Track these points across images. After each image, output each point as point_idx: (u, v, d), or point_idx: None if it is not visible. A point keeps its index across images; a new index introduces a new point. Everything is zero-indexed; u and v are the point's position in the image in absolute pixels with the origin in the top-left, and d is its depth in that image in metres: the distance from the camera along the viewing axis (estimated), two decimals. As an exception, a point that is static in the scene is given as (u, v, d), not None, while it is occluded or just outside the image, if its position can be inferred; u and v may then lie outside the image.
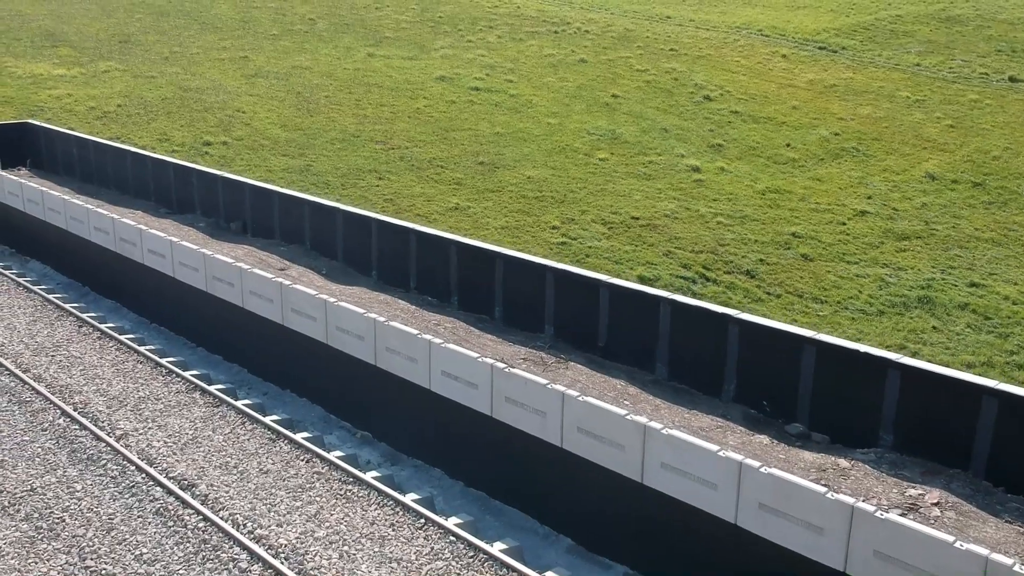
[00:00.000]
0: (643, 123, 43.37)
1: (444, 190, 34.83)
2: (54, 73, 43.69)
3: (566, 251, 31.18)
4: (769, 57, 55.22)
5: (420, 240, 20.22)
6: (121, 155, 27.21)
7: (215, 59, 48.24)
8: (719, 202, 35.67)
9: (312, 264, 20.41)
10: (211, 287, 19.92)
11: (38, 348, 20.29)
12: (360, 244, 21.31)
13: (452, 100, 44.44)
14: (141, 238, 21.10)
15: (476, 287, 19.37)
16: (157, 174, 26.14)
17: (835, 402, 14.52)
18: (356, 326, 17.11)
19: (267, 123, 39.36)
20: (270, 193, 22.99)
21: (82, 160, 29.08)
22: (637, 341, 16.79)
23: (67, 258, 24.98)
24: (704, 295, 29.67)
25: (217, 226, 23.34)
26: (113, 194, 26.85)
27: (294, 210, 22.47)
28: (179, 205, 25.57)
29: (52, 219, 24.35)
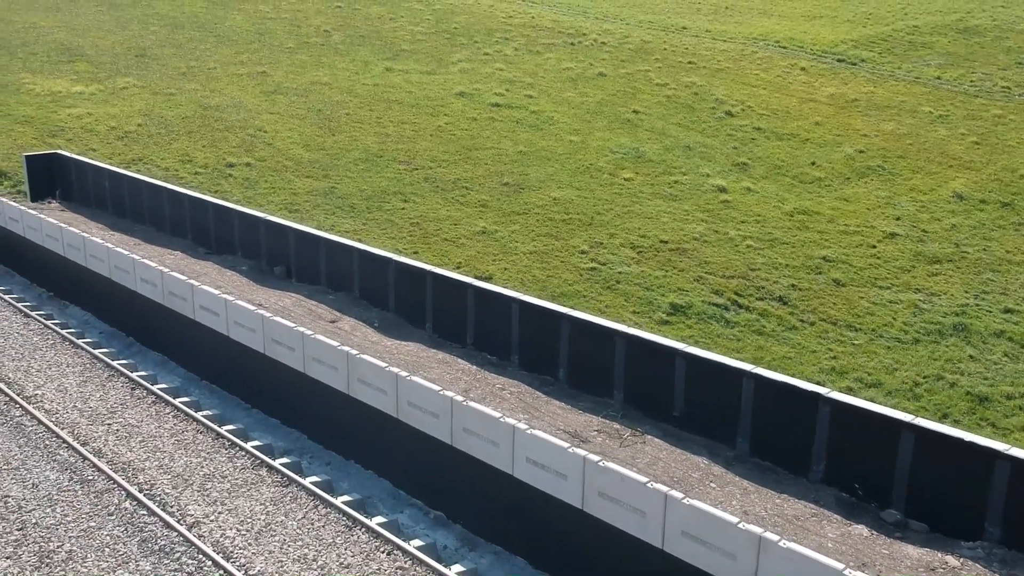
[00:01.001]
0: (666, 140, 43.00)
1: (470, 213, 34.49)
2: (72, 90, 43.36)
3: (596, 277, 30.84)
4: (788, 70, 54.84)
5: (479, 296, 19.69)
6: (157, 191, 26.72)
7: (233, 74, 47.90)
8: (747, 224, 35.31)
9: (363, 315, 20.00)
10: (269, 349, 19.19)
11: (92, 415, 19.32)
12: (413, 296, 20.74)
13: (473, 117, 44.10)
14: (192, 294, 20.38)
15: (539, 346, 18.77)
16: (195, 212, 25.65)
17: (936, 489, 13.99)
18: (431, 403, 16.40)
19: (289, 143, 39.01)
20: (317, 239, 22.50)
21: (115, 194, 28.55)
22: (716, 413, 16.22)
23: (110, 307, 24.10)
24: (738, 322, 29.35)
25: (260, 269, 22.96)
26: (148, 230, 26.42)
27: (342, 258, 21.96)
28: (218, 245, 25.11)
29: (94, 266, 23.52)
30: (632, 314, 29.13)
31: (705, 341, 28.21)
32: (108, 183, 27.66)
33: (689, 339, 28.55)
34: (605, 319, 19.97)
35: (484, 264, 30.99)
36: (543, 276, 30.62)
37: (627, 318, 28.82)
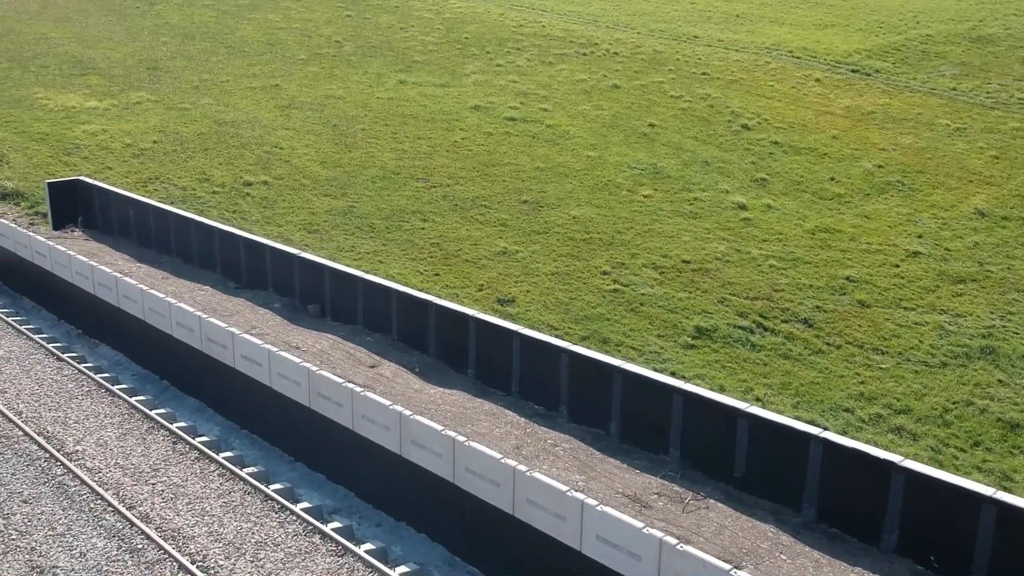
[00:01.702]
0: (683, 155, 42.71)
1: (490, 232, 34.21)
2: (86, 105, 43.09)
3: (619, 299, 30.56)
4: (803, 81, 54.53)
5: (526, 344, 19.23)
6: (184, 223, 26.29)
7: (246, 88, 47.63)
8: (769, 243, 35.02)
9: (403, 360, 19.68)
10: (316, 404, 18.57)
11: (136, 473, 18.58)
12: (455, 340, 20.31)
13: (489, 132, 43.82)
14: (233, 342, 19.79)
15: (590, 399, 18.29)
16: (225, 246, 25.24)
17: (1020, 567, 13.51)
18: (491, 471, 15.74)
19: (306, 160, 38.75)
20: (354, 279, 22.09)
21: (140, 223, 28.08)
22: (782, 476, 15.67)
23: (143, 348, 23.43)
24: (764, 346, 29.06)
25: (293, 307, 22.64)
26: (175, 262, 26.08)
27: (380, 298, 21.57)
28: (249, 280, 24.69)
29: (127, 307, 22.82)
30: (657, 338, 28.86)
31: (732, 366, 27.94)
32: (133, 212, 27.27)
33: (715, 363, 28.31)
34: (659, 375, 19.28)
35: (506, 286, 30.71)
36: (566, 298, 30.34)
37: (652, 342, 28.56)
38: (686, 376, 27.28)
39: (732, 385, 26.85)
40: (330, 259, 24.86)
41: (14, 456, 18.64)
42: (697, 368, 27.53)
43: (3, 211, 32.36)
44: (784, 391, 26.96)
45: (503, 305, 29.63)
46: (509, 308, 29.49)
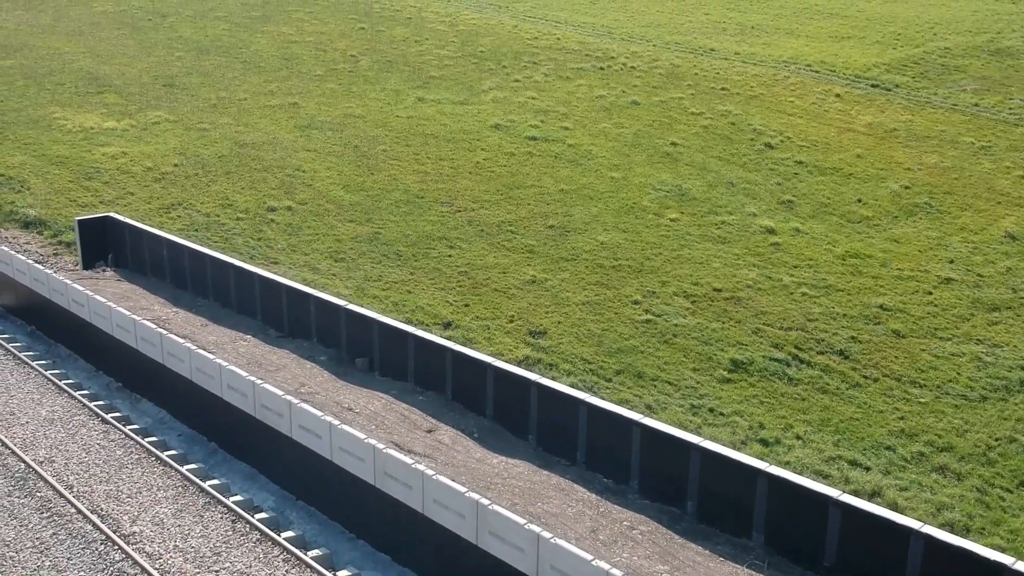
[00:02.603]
0: (708, 176, 42.26)
1: (518, 259, 33.76)
2: (104, 126, 42.65)
3: (652, 330, 30.12)
4: (823, 97, 54.06)
5: (594, 414, 18.53)
6: (223, 267, 25.61)
7: (264, 106, 47.19)
8: (800, 269, 34.57)
9: (460, 423, 19.15)
10: (382, 483, 17.62)
11: (197, 558, 17.35)
12: (515, 403, 19.65)
13: (511, 152, 43.37)
14: (290, 412, 18.79)
15: (664, 475, 17.61)
16: (266, 293, 24.72)
17: None
18: (582, 573, 14.57)
19: (329, 183, 38.30)
20: (404, 335, 21.54)
21: (174, 264, 27.39)
22: (876, 569, 15.01)
23: (190, 407, 22.40)
24: (800, 379, 28.61)
25: (340, 360, 22.11)
26: (212, 306, 25.54)
27: (434, 356, 20.98)
28: (292, 328, 24.10)
29: (173, 365, 21.85)
30: (692, 371, 28.41)
31: (769, 401, 27.49)
32: (167, 252, 26.72)
33: (753, 398, 27.85)
34: (742, 455, 18.22)
35: (537, 317, 30.27)
36: (598, 330, 29.89)
37: (688, 376, 28.11)
38: (725, 413, 26.87)
39: (771, 422, 26.41)
40: (376, 313, 23.70)
41: (69, 538, 17.65)
42: (735, 404, 27.09)
43: (26, 241, 31.92)
44: (824, 428, 26.50)
45: (535, 337, 29.19)
46: (541, 340, 29.05)
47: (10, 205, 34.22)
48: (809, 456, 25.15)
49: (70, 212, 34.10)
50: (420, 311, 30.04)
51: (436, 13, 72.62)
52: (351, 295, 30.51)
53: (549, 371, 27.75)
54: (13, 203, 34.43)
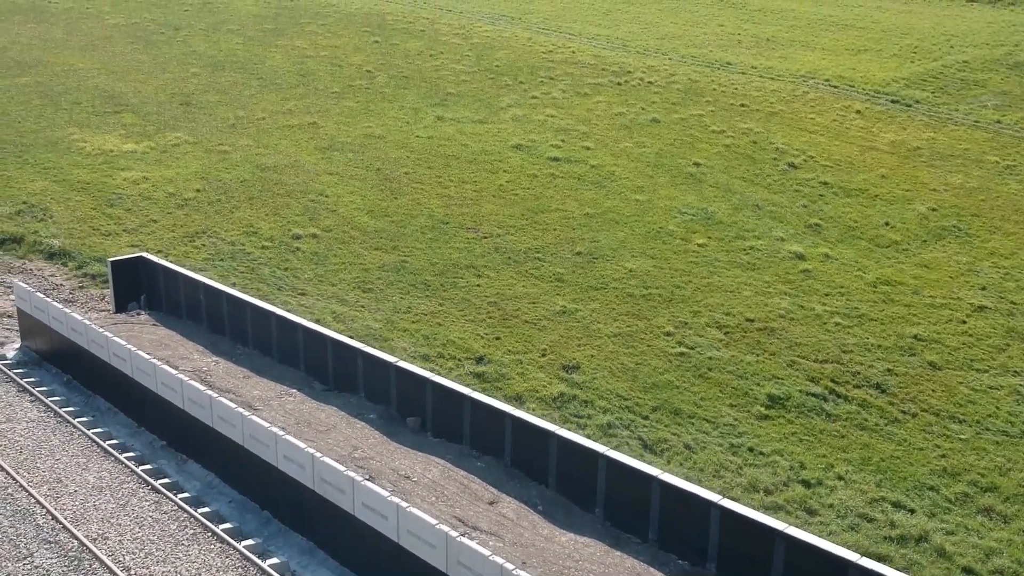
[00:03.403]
0: (733, 198, 41.85)
1: (547, 289, 33.36)
2: (124, 149, 42.26)
3: (686, 363, 29.72)
4: (843, 113, 53.66)
5: (667, 491, 17.93)
6: (264, 315, 25.01)
7: (283, 126, 46.79)
8: (831, 297, 34.15)
9: (522, 494, 18.62)
10: (455, 572, 16.65)
11: None
12: (581, 475, 19.11)
13: (533, 174, 42.98)
14: (354, 489, 17.90)
15: (746, 561, 17.03)
16: (310, 344, 24.17)
17: None
18: None
19: (352, 209, 37.89)
20: (461, 397, 20.97)
21: (212, 309, 26.74)
22: None
23: (241, 473, 21.45)
24: (838, 415, 28.19)
25: (390, 418, 21.64)
26: (252, 354, 25.01)
27: (492, 422, 20.44)
28: (337, 382, 23.52)
29: (223, 429, 20.97)
30: (729, 407, 28.01)
31: (809, 439, 27.09)
32: (204, 297, 26.23)
33: (792, 436, 27.44)
34: (830, 543, 17.42)
35: (569, 351, 29.87)
36: (632, 364, 29.49)
37: (725, 412, 27.71)
38: (764, 452, 26.47)
39: (812, 461, 26.02)
40: (428, 372, 22.50)
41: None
42: (774, 442, 26.69)
43: (51, 272, 31.54)
44: (865, 467, 26.10)
45: (568, 372, 28.80)
46: (575, 375, 28.67)
47: (34, 235, 33.83)
48: (852, 498, 24.76)
49: (93, 241, 33.74)
50: (451, 345, 29.66)
51: (449, 25, 72.25)
52: (381, 328, 30.13)
53: (585, 408, 27.39)
54: (37, 232, 34.04)
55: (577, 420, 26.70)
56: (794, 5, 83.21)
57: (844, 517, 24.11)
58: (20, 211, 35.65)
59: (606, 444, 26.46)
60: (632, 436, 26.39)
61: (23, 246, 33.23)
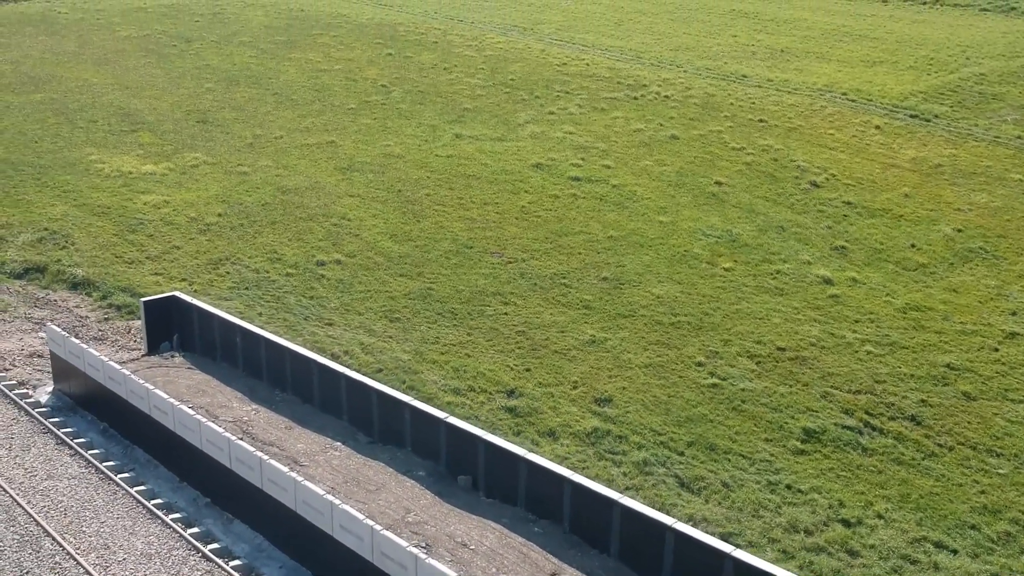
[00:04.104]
0: (757, 219, 41.49)
1: (575, 316, 33.01)
2: (143, 170, 41.93)
3: (719, 395, 29.37)
4: (863, 129, 53.29)
5: (740, 570, 17.55)
6: (304, 363, 24.51)
7: (302, 145, 46.45)
8: (861, 324, 33.79)
9: (584, 564, 18.15)
10: None
11: None
12: (646, 545, 18.71)
13: (555, 194, 42.64)
14: (416, 566, 17.26)
15: None
16: (353, 394, 23.73)
17: None
18: None
19: (376, 233, 37.55)
20: (515, 458, 20.45)
21: (248, 353, 26.25)
22: None
23: (291, 537, 20.69)
24: (875, 449, 27.84)
25: (440, 475, 21.17)
26: (292, 401, 24.53)
27: (550, 485, 19.91)
28: (383, 434, 23.05)
29: (275, 493, 20.26)
30: (764, 442, 27.66)
31: (846, 474, 26.73)
32: (240, 340, 25.84)
33: (829, 471, 27.09)
34: None
35: (601, 383, 29.53)
36: (664, 396, 29.15)
37: (760, 447, 27.37)
38: (803, 489, 26.13)
39: (850, 499, 25.68)
40: (480, 429, 21.75)
41: None
42: (811, 479, 26.34)
43: (76, 303, 31.20)
44: (904, 505, 25.75)
45: (600, 405, 28.46)
46: (607, 409, 28.33)
47: (57, 264, 33.51)
48: (893, 538, 24.42)
49: (117, 270, 33.41)
50: (481, 377, 29.32)
51: (462, 36, 71.91)
52: (410, 360, 29.80)
53: (619, 444, 27.05)
54: (60, 261, 33.71)
55: (612, 457, 26.38)
56: (807, 15, 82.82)
57: (887, 559, 23.78)
58: (42, 238, 35.35)
59: (643, 481, 26.23)
60: (668, 474, 26.05)
61: (46, 275, 32.92)
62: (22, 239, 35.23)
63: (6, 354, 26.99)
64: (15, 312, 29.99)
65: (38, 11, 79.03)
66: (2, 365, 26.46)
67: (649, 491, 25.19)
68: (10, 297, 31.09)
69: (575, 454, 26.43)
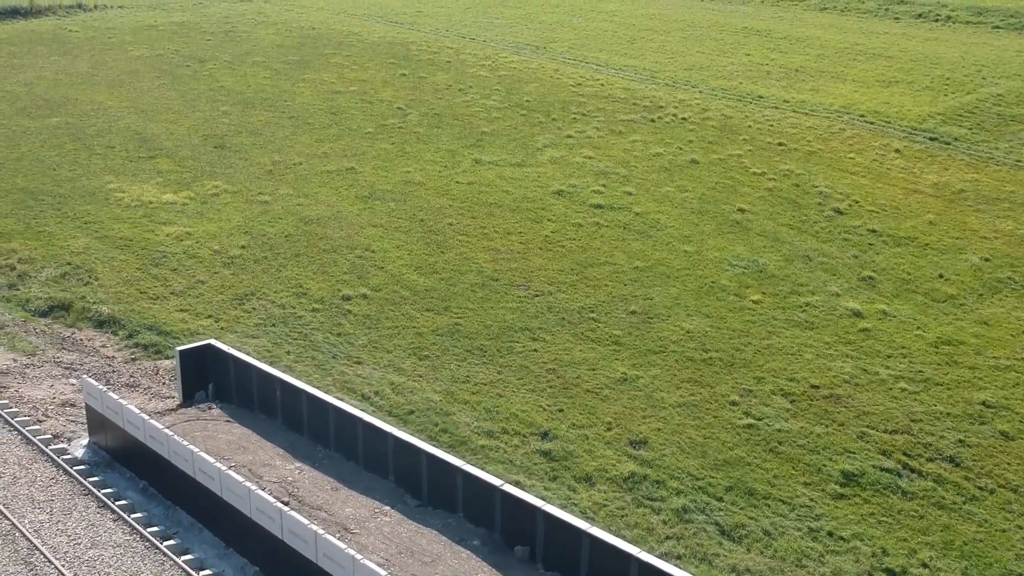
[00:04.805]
0: (782, 248, 41.11)
1: (605, 353, 32.63)
2: (163, 199, 41.58)
3: (755, 437, 28.97)
4: (883, 153, 52.96)
5: None
6: (349, 419, 23.97)
7: (321, 172, 46.11)
8: (894, 359, 33.41)
9: None
10: None
11: None
12: None
13: (578, 223, 42.28)
14: None
15: None
16: (401, 454, 23.21)
17: None
18: None
19: (400, 265, 37.18)
20: (578, 532, 19.84)
21: (288, 406, 25.72)
22: None
23: None
24: (915, 493, 27.43)
25: (495, 545, 20.68)
26: (336, 459, 23.75)
27: (615, 561, 19.27)
28: (433, 498, 22.52)
29: (333, 571, 19.46)
30: (803, 486, 27.26)
31: (887, 520, 26.32)
32: (280, 393, 25.41)
33: (870, 517, 26.69)
34: None
35: (635, 424, 29.14)
36: (700, 438, 28.75)
37: (799, 492, 26.96)
38: (844, 536, 25.72)
39: (894, 546, 25.27)
40: (539, 500, 21.64)
41: None
42: (853, 525, 25.94)
43: (102, 343, 30.81)
44: (948, 552, 25.35)
45: (636, 448, 28.07)
46: (643, 452, 27.93)
47: (81, 301, 33.13)
48: (940, 588, 24.04)
49: (142, 307, 33.03)
50: (514, 419, 28.93)
51: (474, 55, 71.64)
52: (441, 401, 29.41)
53: (657, 489, 26.64)
54: (84, 298, 33.34)
55: (650, 504, 25.98)
56: (819, 33, 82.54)
57: (936, 614, 23.40)
58: (65, 273, 35.01)
59: (683, 530, 25.80)
60: (708, 521, 25.65)
61: (71, 313, 32.53)
62: (45, 274, 34.88)
63: (39, 404, 26.58)
64: (43, 355, 29.59)
65: (49, 29, 78.82)
66: (35, 416, 26.02)
67: (690, 540, 24.82)
68: (37, 338, 30.70)
69: (613, 501, 26.03)
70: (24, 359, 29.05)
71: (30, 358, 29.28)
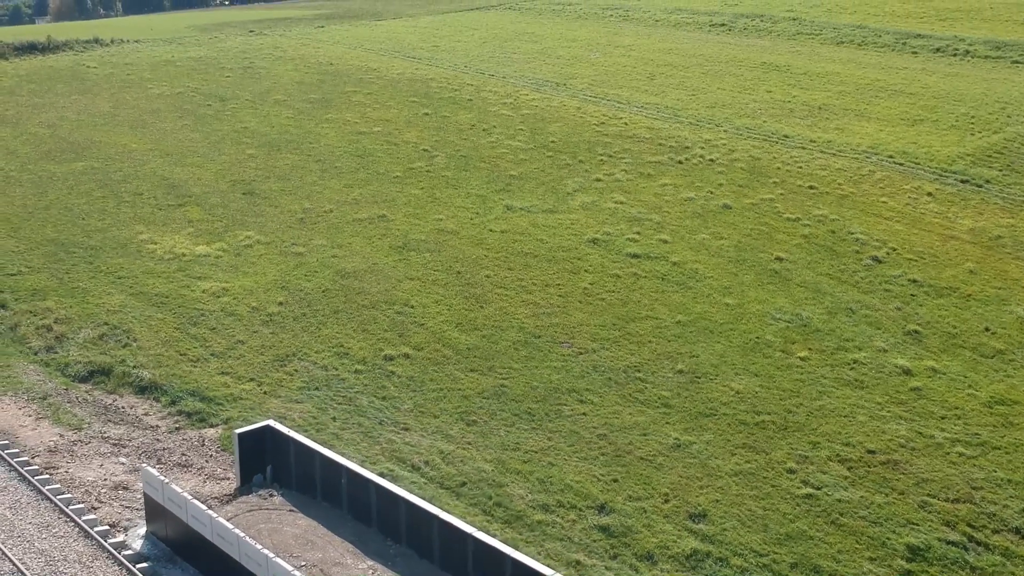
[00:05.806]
0: (824, 300, 40.48)
1: (655, 416, 31.96)
2: (196, 251, 41.02)
3: (815, 508, 28.24)
4: (915, 196, 52.44)
5: None
6: (423, 516, 23.20)
7: (353, 220, 45.56)
8: (948, 421, 32.73)
9: None
10: None
11: None
12: None
13: (616, 273, 41.69)
14: None
15: None
16: (482, 558, 22.27)
17: None
18: None
19: (440, 322, 36.55)
20: None
21: (355, 496, 25.04)
22: None
23: None
24: (983, 568, 26.69)
25: None
26: (409, 556, 22.01)
27: None
28: None
29: None
30: (869, 561, 26.54)
31: (958, 599, 25.62)
32: (346, 481, 24.68)
33: (939, 596, 25.97)
34: None
35: (692, 495, 28.44)
36: (760, 510, 28.04)
37: (867, 569, 26.24)
38: (917, 618, 25.00)
39: (968, 628, 24.57)
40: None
41: None
42: (924, 605, 25.24)
43: (144, 411, 30.16)
44: (1024, 634, 24.65)
45: (695, 522, 27.35)
46: (703, 525, 27.21)
47: (121, 365, 32.49)
48: (1019, 675, 23.30)
49: (183, 370, 32.40)
50: (569, 490, 28.23)
51: (495, 93, 71.30)
52: (493, 472, 28.72)
53: (721, 568, 25.92)
54: (124, 361, 32.70)
55: (716, 583, 25.27)
56: (838, 68, 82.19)
57: None
58: (103, 334, 34.37)
59: (751, 612, 25.08)
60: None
61: (112, 378, 31.89)
62: (83, 336, 34.27)
63: (91, 487, 25.84)
64: (90, 430, 28.90)
65: (67, 66, 78.56)
66: (89, 502, 25.22)
67: (760, 623, 24.10)
68: (81, 409, 30.02)
69: (683, 589, 25.31)
70: (71, 434, 28.37)
71: (76, 432, 28.59)
